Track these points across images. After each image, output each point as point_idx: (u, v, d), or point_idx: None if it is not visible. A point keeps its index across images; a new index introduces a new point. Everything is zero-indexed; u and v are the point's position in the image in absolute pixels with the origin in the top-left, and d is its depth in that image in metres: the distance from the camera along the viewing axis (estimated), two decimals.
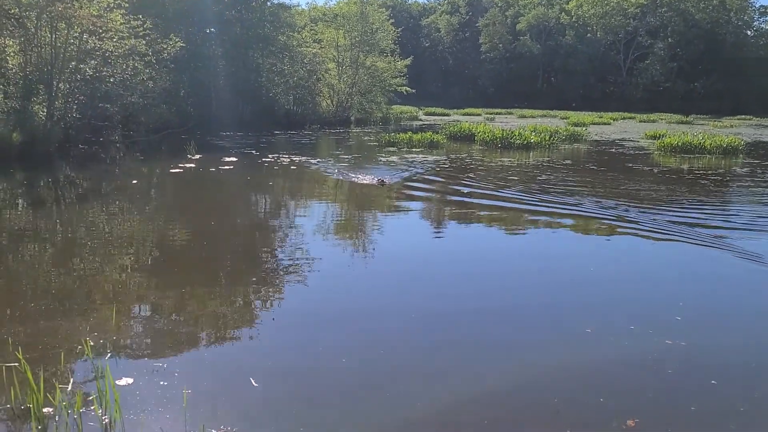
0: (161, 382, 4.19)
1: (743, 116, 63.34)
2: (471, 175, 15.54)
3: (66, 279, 6.66)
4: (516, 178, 15.25)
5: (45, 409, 3.59)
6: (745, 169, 18.47)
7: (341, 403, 4.06)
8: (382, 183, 13.34)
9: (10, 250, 7.91)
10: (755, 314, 5.93)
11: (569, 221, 10.09)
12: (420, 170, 16.15)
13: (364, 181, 13.78)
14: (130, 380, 4.15)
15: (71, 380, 3.84)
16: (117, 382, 3.99)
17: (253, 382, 4.24)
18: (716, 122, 49.64)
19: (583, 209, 10.95)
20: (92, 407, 3.72)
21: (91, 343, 4.57)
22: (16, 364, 3.83)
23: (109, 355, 4.51)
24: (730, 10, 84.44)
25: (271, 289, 6.52)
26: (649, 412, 3.94)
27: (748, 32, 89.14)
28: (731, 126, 44.72)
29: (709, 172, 17.73)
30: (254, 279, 6.92)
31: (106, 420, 3.60)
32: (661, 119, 51.53)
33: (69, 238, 8.76)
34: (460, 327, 5.45)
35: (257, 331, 5.31)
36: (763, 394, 4.29)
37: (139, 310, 5.74)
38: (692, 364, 4.73)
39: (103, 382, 3.65)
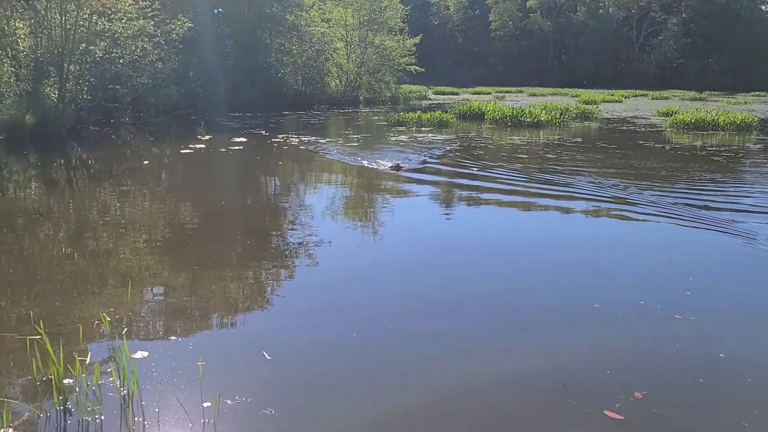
0: (176, 355, 4.30)
1: (758, 92, 62.44)
2: (478, 155, 15.50)
3: (81, 257, 6.76)
4: (525, 156, 15.21)
5: (65, 381, 3.68)
6: (759, 145, 18.31)
7: (351, 377, 4.14)
8: (397, 168, 12.71)
9: (26, 230, 8.04)
10: (759, 292, 5.93)
11: (575, 204, 9.96)
12: (433, 152, 15.78)
13: (379, 167, 13.09)
14: (146, 353, 4.25)
15: (89, 353, 3.94)
16: (133, 355, 4.08)
17: (267, 356, 4.32)
18: (730, 99, 49.00)
19: (588, 191, 10.79)
20: (110, 379, 3.81)
21: (108, 319, 4.67)
22: (38, 337, 3.92)
23: (125, 329, 4.60)
24: None
25: (280, 268, 6.60)
26: (656, 385, 3.99)
27: (763, 7, 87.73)
28: (745, 102, 44.14)
29: (723, 148, 17.58)
30: (264, 258, 7.01)
31: (124, 392, 3.70)
32: (674, 96, 50.92)
33: (82, 218, 8.87)
34: (468, 310, 5.49)
35: (268, 307, 5.40)
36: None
37: (153, 287, 5.83)
38: (701, 339, 4.76)
39: (120, 355, 3.73)
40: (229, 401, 3.70)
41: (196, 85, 30.36)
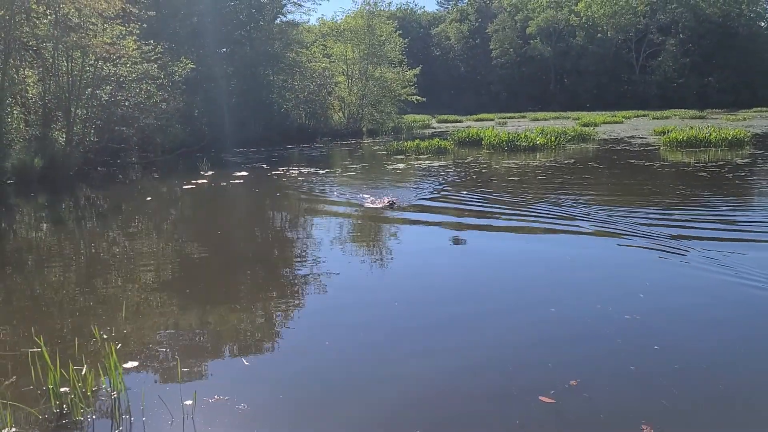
0: (160, 364, 4.81)
1: (760, 108, 62.85)
2: (470, 183, 15.97)
3: (80, 286, 7.29)
4: (516, 179, 15.68)
5: (62, 389, 4.15)
6: (746, 159, 18.69)
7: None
8: (391, 205, 11.90)
9: (32, 265, 8.59)
10: (700, 301, 6.28)
11: (553, 229, 9.81)
12: (428, 184, 15.38)
13: (373, 204, 12.27)
14: (135, 363, 4.74)
15: (84, 363, 4.39)
16: (123, 365, 4.56)
17: (245, 362, 4.79)
18: (730, 115, 49.40)
19: (563, 213, 10.76)
20: (103, 385, 4.28)
21: (103, 334, 5.16)
22: (38, 349, 4.40)
23: (118, 343, 5.07)
24: (741, 2, 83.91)
25: (264, 285, 7.09)
26: (591, 374, 4.42)
27: (761, 24, 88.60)
28: (744, 119, 44.49)
29: (709, 164, 18.00)
30: (249, 280, 7.50)
31: (114, 395, 4.15)
32: (675, 115, 51.36)
33: (84, 251, 9.42)
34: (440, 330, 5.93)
35: (245, 317, 5.88)
36: (697, 356, 4.77)
37: (144, 308, 6.34)
38: (640, 334, 5.18)
39: (110, 365, 4.19)
40: (206, 398, 4.17)
41: (202, 123, 31.24)
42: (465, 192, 13.64)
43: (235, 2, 36.08)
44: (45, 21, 19.56)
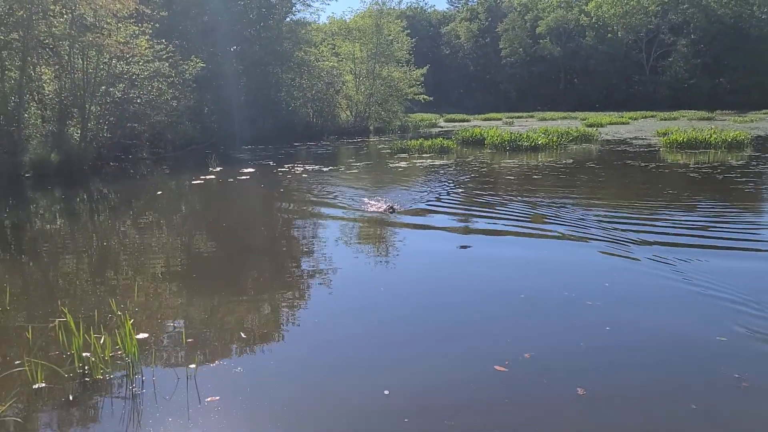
0: (167, 334, 5.54)
1: None
2: (470, 185, 16.51)
3: (98, 267, 7.98)
4: (512, 178, 16.23)
5: (84, 354, 4.79)
6: (742, 161, 19.12)
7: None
8: (391, 210, 11.59)
9: (53, 250, 9.30)
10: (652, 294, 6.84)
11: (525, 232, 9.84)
12: (429, 186, 15.38)
13: (372, 209, 12.02)
14: (146, 335, 5.40)
15: (102, 333, 5.03)
16: (137, 336, 5.20)
17: (242, 334, 5.48)
18: (738, 117, 49.49)
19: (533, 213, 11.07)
20: (119, 352, 4.93)
21: (117, 311, 5.81)
22: (64, 319, 5.05)
23: (131, 318, 5.72)
24: (753, 3, 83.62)
25: (264, 275, 7.73)
26: (545, 349, 5.07)
27: None
28: (752, 120, 44.56)
29: (704, 166, 18.46)
30: (252, 270, 8.16)
31: (129, 360, 4.79)
32: (683, 116, 51.30)
33: (101, 240, 10.13)
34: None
35: (246, 299, 6.53)
36: (639, 337, 5.39)
37: (154, 287, 7.03)
38: (597, 317, 5.79)
39: (125, 334, 4.82)
40: (209, 364, 4.83)
41: (211, 121, 31.99)
42: (461, 196, 13.83)
43: (246, 1, 36.80)
44: (61, 20, 20.30)
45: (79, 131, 21.54)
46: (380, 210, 11.81)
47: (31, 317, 5.99)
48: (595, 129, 33.78)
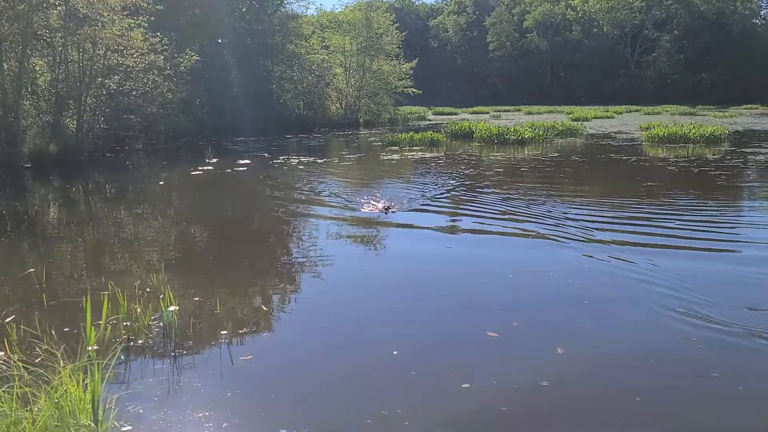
0: (200, 305, 6.19)
1: (750, 105, 64.12)
2: (462, 179, 17.16)
3: (124, 248, 8.59)
4: (501, 170, 16.92)
5: (125, 323, 5.42)
6: (717, 156, 19.96)
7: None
8: (386, 210, 11.43)
9: (84, 235, 9.87)
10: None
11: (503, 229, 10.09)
12: (424, 185, 15.24)
13: (368, 208, 11.85)
14: (177, 307, 6.00)
15: (143, 303, 5.64)
16: (170, 308, 5.81)
17: (263, 307, 6.15)
18: (719, 112, 50.66)
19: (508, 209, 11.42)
20: (157, 320, 5.56)
21: (151, 285, 6.42)
22: (108, 292, 5.63)
23: (160, 294, 6.32)
24: (736, 0, 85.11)
25: (267, 264, 8.37)
26: (530, 319, 5.77)
27: (755, 21, 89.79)
28: (732, 116, 45.69)
29: (681, 159, 19.27)
30: (257, 257, 8.79)
31: (166, 328, 5.42)
32: (666, 111, 52.20)
33: (118, 227, 10.72)
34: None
35: (270, 275, 7.17)
36: (608, 310, 6.08)
37: (181, 265, 7.67)
38: (576, 294, 6.49)
39: (164, 305, 5.45)
40: (240, 330, 5.53)
41: (203, 113, 32.43)
42: (458, 192, 13.93)
43: None
44: (55, 12, 20.61)
45: (75, 122, 21.90)
46: (376, 211, 11.54)
47: (68, 292, 6.66)
48: (580, 123, 34.62)
